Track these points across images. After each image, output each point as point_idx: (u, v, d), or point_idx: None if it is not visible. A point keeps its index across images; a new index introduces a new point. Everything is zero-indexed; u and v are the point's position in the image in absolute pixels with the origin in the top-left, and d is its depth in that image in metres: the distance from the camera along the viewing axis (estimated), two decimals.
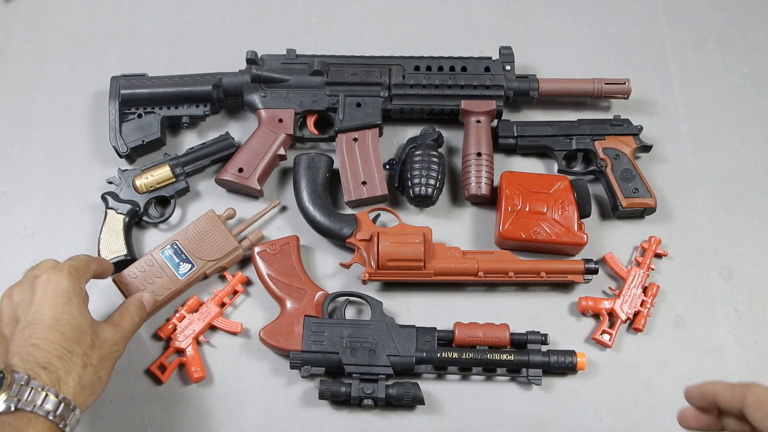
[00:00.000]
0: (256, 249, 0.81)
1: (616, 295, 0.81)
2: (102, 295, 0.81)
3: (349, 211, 0.87)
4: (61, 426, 0.55)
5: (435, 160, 0.84)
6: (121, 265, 0.81)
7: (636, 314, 0.80)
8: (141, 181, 0.85)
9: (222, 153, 0.87)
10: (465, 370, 0.77)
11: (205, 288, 0.82)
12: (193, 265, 0.79)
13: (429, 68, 0.90)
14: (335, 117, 0.88)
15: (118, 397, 0.76)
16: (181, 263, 0.80)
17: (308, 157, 0.85)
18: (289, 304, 0.78)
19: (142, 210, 0.84)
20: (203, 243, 0.81)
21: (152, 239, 0.85)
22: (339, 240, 0.83)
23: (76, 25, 0.99)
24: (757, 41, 1.00)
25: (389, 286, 0.83)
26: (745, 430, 0.48)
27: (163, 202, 0.87)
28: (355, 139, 0.87)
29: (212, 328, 0.80)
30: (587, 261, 0.80)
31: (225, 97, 0.90)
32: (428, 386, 0.77)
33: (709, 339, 0.80)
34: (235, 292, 0.81)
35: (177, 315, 0.79)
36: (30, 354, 0.56)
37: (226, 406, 0.76)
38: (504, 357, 0.76)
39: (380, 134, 0.89)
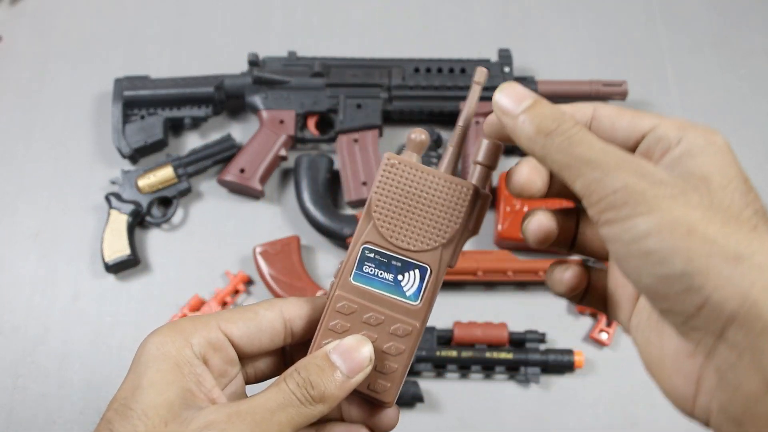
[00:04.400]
0: (258, 249, 0.82)
1: None
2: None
3: (349, 211, 0.88)
4: None
5: (434, 161, 0.85)
6: (123, 265, 0.82)
7: None
8: (144, 182, 0.86)
9: (224, 154, 0.88)
10: (464, 368, 0.77)
11: (207, 287, 0.83)
12: (423, 269, 0.36)
13: (429, 70, 0.90)
14: (336, 118, 0.89)
15: None
16: (399, 276, 0.36)
17: (309, 157, 0.86)
18: None
19: (144, 210, 0.85)
20: (414, 216, 0.35)
21: (155, 239, 0.86)
22: (339, 240, 0.83)
23: (80, 27, 1.00)
24: (753, 43, 1.01)
25: None
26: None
27: (165, 202, 0.88)
28: (356, 140, 0.88)
29: None
30: (585, 260, 0.81)
31: (227, 99, 0.91)
32: (427, 385, 0.78)
33: None
34: (237, 292, 0.82)
35: (179, 314, 0.80)
36: None
37: None
38: (502, 356, 0.76)
39: (380, 135, 0.90)
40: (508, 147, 0.90)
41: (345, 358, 0.33)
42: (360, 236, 0.34)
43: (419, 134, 0.35)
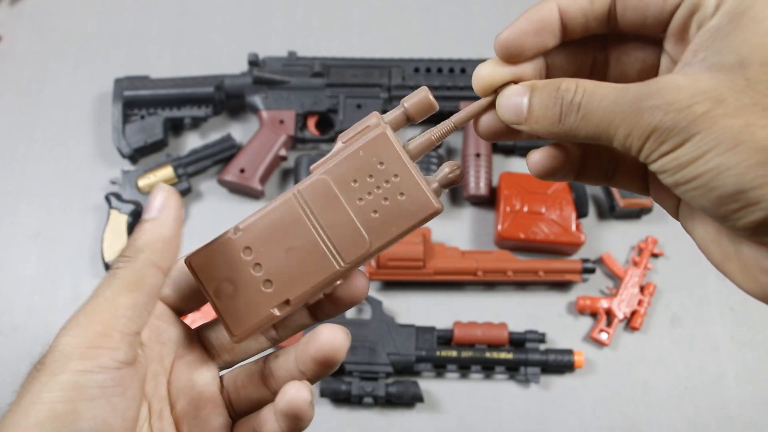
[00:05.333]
0: None
1: (613, 294, 0.82)
2: None
3: None
4: None
5: (434, 161, 0.85)
6: None
7: (633, 313, 0.81)
8: (144, 182, 0.86)
9: (224, 154, 0.88)
10: (464, 368, 0.78)
11: None
12: None
13: (428, 70, 0.90)
14: (336, 118, 0.89)
15: None
16: None
17: (309, 158, 0.86)
18: None
19: None
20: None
21: None
22: None
23: (80, 27, 1.00)
24: None
25: (389, 285, 0.84)
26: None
27: None
28: None
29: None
30: (585, 261, 0.81)
31: (227, 99, 0.91)
32: (427, 384, 0.78)
33: (705, 337, 0.81)
34: None
35: None
36: None
37: None
38: (502, 355, 0.76)
39: None
40: (507, 147, 0.90)
41: (146, 209, 0.32)
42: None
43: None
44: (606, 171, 0.33)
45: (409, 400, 0.75)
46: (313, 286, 0.33)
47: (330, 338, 0.32)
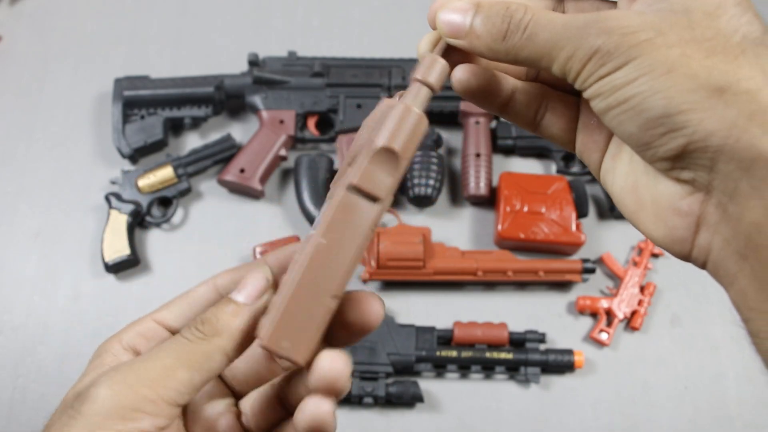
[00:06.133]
0: (258, 249, 0.82)
1: (613, 294, 0.82)
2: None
3: None
4: None
5: (434, 160, 0.85)
6: (123, 265, 0.82)
7: (633, 313, 0.81)
8: (144, 182, 0.86)
9: (224, 154, 0.88)
10: (464, 368, 0.78)
11: None
12: None
13: None
14: (336, 118, 0.89)
15: None
16: None
17: (309, 157, 0.86)
18: None
19: (144, 210, 0.85)
20: None
21: (155, 239, 0.86)
22: None
23: (80, 27, 1.00)
24: None
25: (389, 285, 0.84)
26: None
27: (165, 202, 0.88)
28: None
29: None
30: (585, 261, 0.81)
31: (227, 99, 0.91)
32: (427, 384, 0.78)
33: (705, 337, 0.81)
34: None
35: None
36: None
37: None
38: (502, 356, 0.76)
39: None
40: (508, 147, 0.90)
41: (240, 288, 0.30)
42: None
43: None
44: (534, 113, 0.33)
45: (409, 400, 0.75)
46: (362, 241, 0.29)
47: (328, 364, 0.29)
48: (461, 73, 0.31)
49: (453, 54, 0.31)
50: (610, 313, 0.81)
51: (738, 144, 0.24)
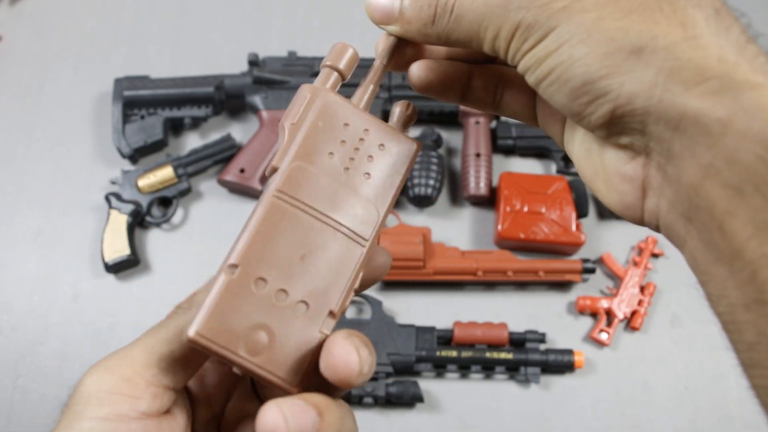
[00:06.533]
0: None
1: (613, 294, 0.82)
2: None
3: None
4: None
5: (434, 160, 0.85)
6: (123, 265, 0.82)
7: (633, 313, 0.81)
8: (144, 182, 0.86)
9: (224, 154, 0.88)
10: (464, 368, 0.78)
11: None
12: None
13: None
14: None
15: None
16: None
17: None
18: None
19: (144, 210, 0.85)
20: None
21: (155, 239, 0.86)
22: None
23: (80, 27, 1.00)
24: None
25: (389, 285, 0.84)
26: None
27: (165, 202, 0.88)
28: None
29: None
30: (585, 261, 0.81)
31: (227, 99, 0.91)
32: (428, 384, 0.78)
33: (705, 337, 0.81)
34: None
35: None
36: None
37: None
38: (503, 356, 0.76)
39: None
40: (508, 147, 0.90)
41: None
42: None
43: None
44: (494, 94, 0.33)
45: (409, 400, 0.75)
46: (349, 282, 0.28)
47: (344, 354, 0.26)
48: (417, 70, 0.31)
49: (406, 50, 0.32)
50: (610, 313, 0.81)
51: (662, 104, 0.24)
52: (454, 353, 0.76)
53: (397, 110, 0.33)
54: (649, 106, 0.24)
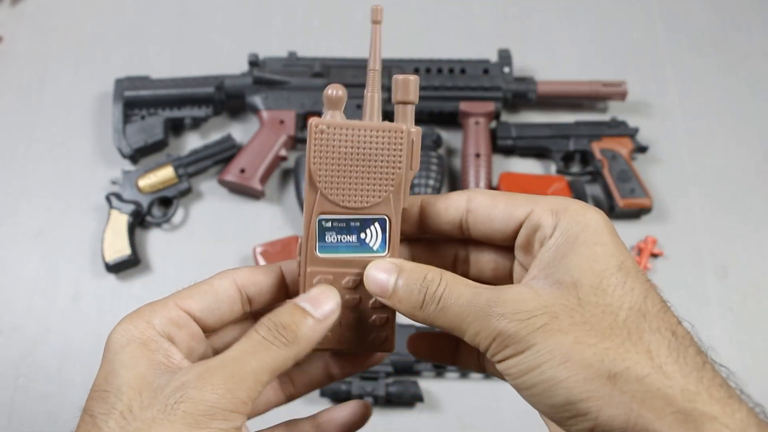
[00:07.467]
0: (258, 249, 0.82)
1: None
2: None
3: None
4: None
5: (434, 161, 0.86)
6: (123, 264, 0.82)
7: None
8: (144, 182, 0.86)
9: (224, 154, 0.88)
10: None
11: None
12: (382, 220, 0.35)
13: (428, 70, 0.91)
14: None
15: None
16: (362, 234, 0.35)
17: None
18: None
19: (145, 210, 0.85)
20: (357, 174, 0.35)
21: (155, 239, 0.86)
22: None
23: (81, 27, 1.00)
24: (751, 44, 1.01)
25: None
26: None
27: (165, 202, 0.88)
28: None
29: None
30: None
31: (227, 99, 0.91)
32: (427, 384, 0.78)
33: (704, 338, 0.81)
34: None
35: None
36: None
37: None
38: None
39: None
40: (507, 147, 0.90)
41: (313, 303, 0.32)
42: (311, 209, 0.33)
43: (335, 90, 0.36)
44: (477, 359, 0.37)
45: (409, 400, 0.75)
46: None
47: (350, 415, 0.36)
48: (413, 346, 0.38)
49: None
50: None
51: (636, 428, 0.27)
52: None
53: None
54: (626, 428, 0.27)
